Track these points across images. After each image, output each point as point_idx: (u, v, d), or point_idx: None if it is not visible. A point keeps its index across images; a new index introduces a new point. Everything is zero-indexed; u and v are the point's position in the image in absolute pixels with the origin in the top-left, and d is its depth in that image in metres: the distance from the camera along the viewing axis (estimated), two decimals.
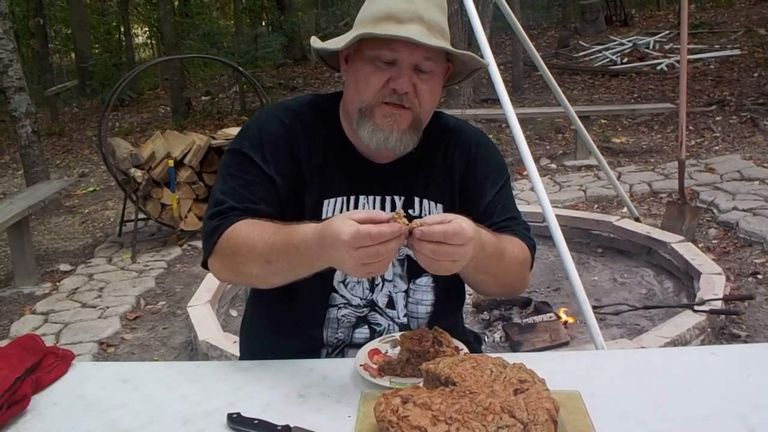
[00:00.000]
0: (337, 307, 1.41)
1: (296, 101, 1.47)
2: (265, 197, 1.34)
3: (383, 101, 1.29)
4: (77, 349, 3.52)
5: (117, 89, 5.54)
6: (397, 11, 1.27)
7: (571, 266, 2.48)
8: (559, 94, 4.27)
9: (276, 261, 1.21)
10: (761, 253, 4.11)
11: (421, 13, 1.27)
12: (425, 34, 1.26)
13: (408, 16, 1.26)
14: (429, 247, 1.10)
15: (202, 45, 10.93)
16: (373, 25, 1.28)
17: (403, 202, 1.41)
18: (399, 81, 1.27)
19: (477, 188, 1.46)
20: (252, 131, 1.39)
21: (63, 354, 1.28)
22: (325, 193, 1.38)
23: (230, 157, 1.39)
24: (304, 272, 1.22)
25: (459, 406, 0.94)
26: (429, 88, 1.31)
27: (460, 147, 1.46)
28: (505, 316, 3.26)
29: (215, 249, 1.30)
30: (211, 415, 1.09)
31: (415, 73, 1.29)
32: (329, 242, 1.10)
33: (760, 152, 6.25)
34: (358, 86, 1.31)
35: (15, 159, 8.73)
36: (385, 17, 1.27)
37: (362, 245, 1.05)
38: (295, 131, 1.39)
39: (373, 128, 1.31)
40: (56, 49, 17.17)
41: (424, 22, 1.27)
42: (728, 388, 1.12)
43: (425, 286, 1.44)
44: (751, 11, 13.21)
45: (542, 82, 8.34)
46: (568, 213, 4.60)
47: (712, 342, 3.06)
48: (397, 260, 1.42)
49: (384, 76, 1.28)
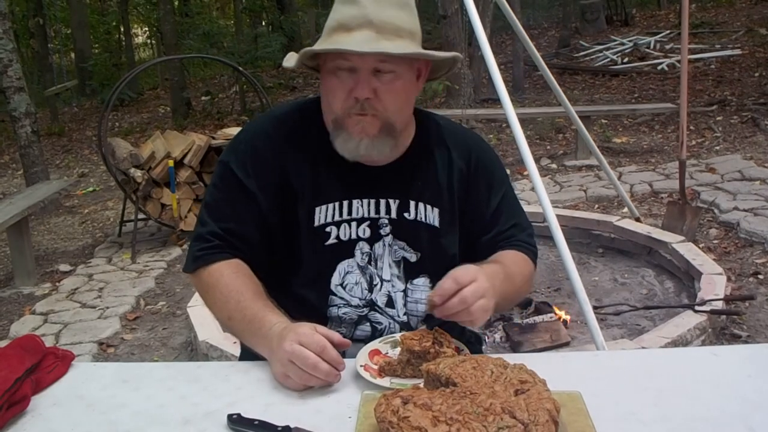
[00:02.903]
0: (337, 307, 1.42)
1: (283, 109, 1.49)
2: (245, 215, 1.38)
3: (352, 112, 1.30)
4: (77, 349, 3.52)
5: (117, 89, 5.54)
6: (347, 19, 1.27)
7: (571, 266, 2.48)
8: (560, 94, 4.27)
9: (236, 323, 1.31)
10: (762, 253, 4.11)
11: (371, 16, 1.26)
12: (373, 39, 1.24)
13: (357, 23, 1.26)
14: (456, 315, 1.20)
15: (202, 45, 10.93)
16: (326, 37, 1.29)
17: (398, 206, 1.41)
18: (357, 89, 1.27)
19: (480, 197, 1.47)
20: (240, 145, 1.42)
21: (63, 354, 1.28)
22: (317, 200, 1.38)
23: (218, 169, 1.44)
24: (249, 345, 1.31)
25: (460, 407, 0.94)
26: (392, 89, 1.30)
27: (458, 151, 1.46)
28: (506, 316, 3.25)
29: (195, 273, 1.40)
30: (212, 415, 1.09)
31: (375, 77, 1.28)
32: (278, 337, 1.19)
33: (761, 152, 6.25)
34: (328, 99, 1.33)
35: (15, 159, 8.73)
36: (336, 26, 1.28)
37: (296, 362, 1.13)
38: (282, 142, 1.40)
39: (346, 138, 1.32)
40: (56, 49, 17.14)
41: (374, 26, 1.25)
42: (729, 389, 1.12)
43: (423, 286, 1.45)
44: (752, 11, 13.20)
45: (543, 82, 8.33)
46: (568, 213, 4.59)
47: (713, 342, 3.06)
48: (394, 261, 1.43)
49: (346, 86, 1.29)
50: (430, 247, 1.43)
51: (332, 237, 1.39)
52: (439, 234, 1.43)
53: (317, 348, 1.14)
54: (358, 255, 1.41)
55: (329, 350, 1.14)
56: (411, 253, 1.43)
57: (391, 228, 1.41)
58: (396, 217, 1.41)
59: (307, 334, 1.16)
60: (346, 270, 1.41)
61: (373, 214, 1.41)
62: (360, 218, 1.40)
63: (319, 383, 1.15)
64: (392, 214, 1.41)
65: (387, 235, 1.41)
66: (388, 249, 1.42)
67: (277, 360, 1.17)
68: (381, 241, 1.41)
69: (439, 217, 1.43)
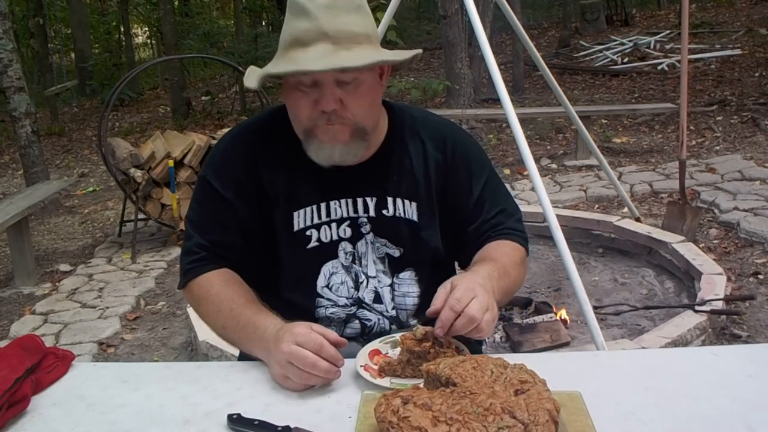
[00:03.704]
0: (325, 308, 1.42)
1: (256, 117, 1.50)
2: (227, 224, 1.40)
3: (319, 123, 1.29)
4: (77, 349, 3.52)
5: (117, 89, 5.54)
6: (301, 33, 1.24)
7: (571, 266, 2.48)
8: (560, 94, 4.27)
9: (231, 331, 1.32)
10: (762, 253, 4.11)
11: (325, 27, 1.23)
12: (330, 51, 1.22)
13: (311, 37, 1.23)
14: (466, 332, 1.18)
15: (202, 45, 10.95)
16: (282, 54, 1.27)
17: (375, 203, 1.41)
18: (322, 102, 1.26)
19: (461, 188, 1.45)
20: (215, 158, 1.44)
21: (63, 354, 1.28)
22: (294, 205, 1.39)
23: (198, 184, 1.46)
24: (246, 351, 1.31)
25: (459, 407, 0.94)
26: (357, 96, 1.28)
27: (433, 142, 1.45)
28: (506, 316, 3.25)
29: (186, 287, 1.42)
30: (212, 415, 1.09)
31: (339, 87, 1.26)
32: (274, 339, 1.19)
33: (761, 152, 6.25)
34: (293, 113, 1.33)
35: (15, 159, 8.73)
36: (292, 42, 1.25)
37: (295, 363, 1.13)
38: (253, 151, 1.40)
39: (318, 146, 1.32)
40: (56, 49, 17.14)
41: (329, 37, 1.23)
42: (729, 389, 1.12)
43: (409, 279, 1.45)
44: (752, 11, 13.20)
45: (543, 82, 8.34)
46: (568, 213, 4.59)
47: (713, 342, 3.06)
48: (378, 258, 1.43)
49: (310, 99, 1.27)
50: (411, 241, 1.43)
51: (313, 240, 1.39)
52: (419, 228, 1.43)
53: (314, 346, 1.14)
54: (342, 255, 1.41)
55: (327, 347, 1.14)
56: (393, 249, 1.43)
57: (371, 226, 1.41)
58: (375, 215, 1.41)
59: (303, 334, 1.15)
60: (330, 271, 1.41)
61: (352, 213, 1.40)
62: (339, 219, 1.40)
63: (320, 381, 1.15)
64: (371, 212, 1.41)
65: (368, 233, 1.41)
66: (371, 246, 1.42)
67: (275, 362, 1.17)
68: (363, 239, 1.41)
69: (417, 211, 1.42)
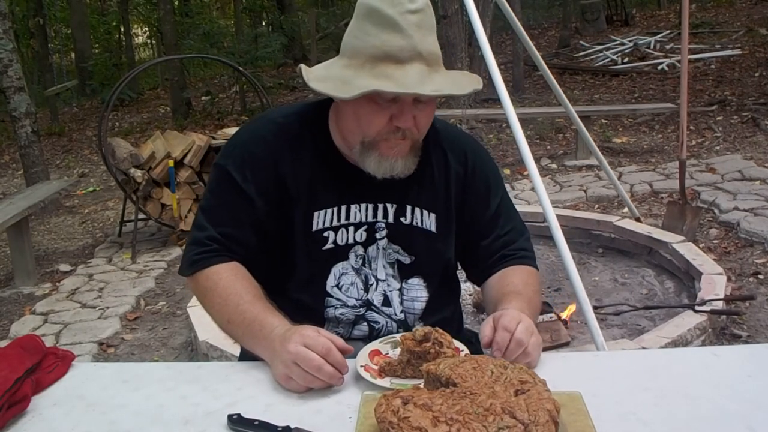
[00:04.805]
0: (334, 308, 1.42)
1: (283, 112, 1.46)
2: (243, 219, 1.38)
3: (390, 137, 1.29)
4: (77, 349, 3.51)
5: (117, 89, 5.54)
6: (395, 50, 1.22)
7: (571, 266, 2.48)
8: (560, 94, 4.27)
9: (236, 326, 1.31)
10: (762, 253, 4.11)
11: (420, 47, 1.22)
12: (426, 73, 1.23)
13: (407, 55, 1.22)
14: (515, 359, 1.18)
15: (202, 45, 10.94)
16: (371, 67, 1.23)
17: (395, 210, 1.41)
18: (402, 119, 1.26)
19: (479, 201, 1.48)
20: (236, 149, 1.41)
21: (63, 354, 1.28)
22: (314, 205, 1.38)
23: (215, 173, 1.43)
24: (248, 347, 1.30)
25: (460, 407, 0.94)
26: (427, 115, 1.32)
27: (455, 154, 1.47)
28: None
29: (192, 277, 1.40)
30: (212, 415, 1.09)
31: (414, 105, 1.28)
32: (281, 339, 1.18)
33: (761, 152, 6.25)
34: (360, 122, 1.29)
35: (15, 159, 8.73)
36: (383, 56, 1.22)
37: (300, 364, 1.13)
38: (279, 147, 1.38)
39: (379, 159, 1.31)
40: (56, 49, 17.16)
41: (423, 58, 1.23)
42: (729, 389, 1.12)
43: (418, 285, 1.45)
44: (752, 11, 13.20)
45: (543, 82, 8.34)
46: (568, 213, 4.59)
47: (713, 342, 3.06)
48: (388, 263, 1.43)
49: (386, 114, 1.27)
50: (426, 251, 1.44)
51: (329, 242, 1.39)
52: (435, 239, 1.44)
53: (322, 350, 1.14)
54: (352, 258, 1.41)
55: (334, 353, 1.14)
56: (405, 257, 1.43)
57: (387, 232, 1.41)
58: (393, 221, 1.41)
59: (312, 336, 1.15)
60: (341, 272, 1.41)
61: (371, 218, 1.41)
62: (357, 223, 1.40)
63: (322, 385, 1.15)
64: (389, 218, 1.41)
65: (382, 238, 1.41)
66: (382, 252, 1.42)
67: (280, 361, 1.17)
68: (375, 244, 1.41)
69: (436, 222, 1.44)
